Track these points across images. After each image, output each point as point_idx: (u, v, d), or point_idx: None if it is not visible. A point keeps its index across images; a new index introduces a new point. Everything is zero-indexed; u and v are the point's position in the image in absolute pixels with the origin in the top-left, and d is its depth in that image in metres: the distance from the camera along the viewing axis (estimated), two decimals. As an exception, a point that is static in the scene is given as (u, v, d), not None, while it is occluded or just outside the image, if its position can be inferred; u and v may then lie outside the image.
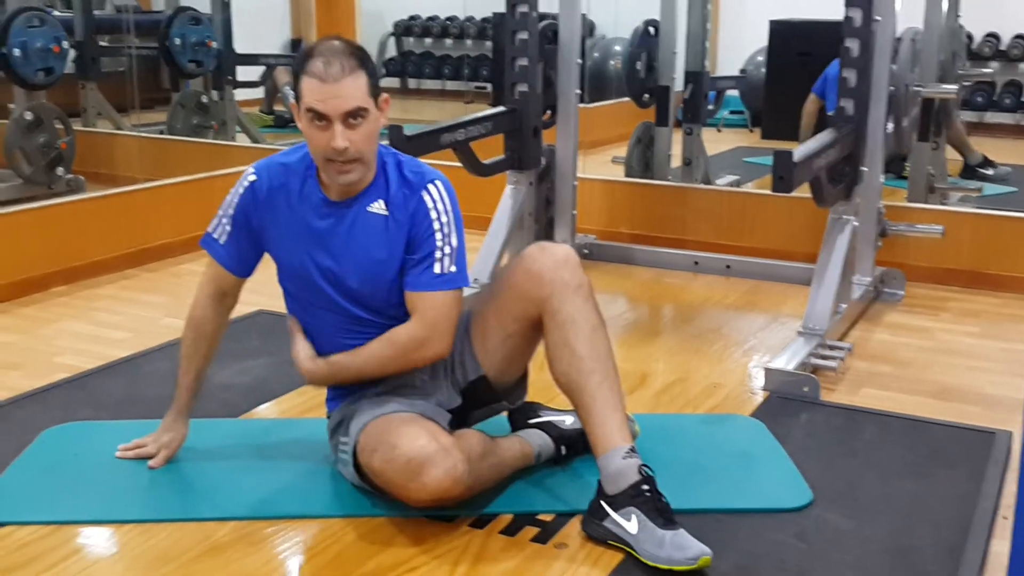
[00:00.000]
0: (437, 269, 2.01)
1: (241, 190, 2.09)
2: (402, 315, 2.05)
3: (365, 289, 2.04)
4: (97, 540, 1.98)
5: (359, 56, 1.94)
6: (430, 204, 2.02)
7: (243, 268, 2.15)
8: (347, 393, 2.13)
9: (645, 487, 1.88)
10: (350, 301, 2.05)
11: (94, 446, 2.30)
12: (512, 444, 2.14)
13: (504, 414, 2.27)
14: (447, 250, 2.02)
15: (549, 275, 2.00)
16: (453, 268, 2.02)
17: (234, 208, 2.10)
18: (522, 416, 2.26)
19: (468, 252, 2.07)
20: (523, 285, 2.03)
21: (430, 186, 2.03)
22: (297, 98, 1.96)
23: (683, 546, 1.81)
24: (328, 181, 2.01)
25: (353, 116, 1.92)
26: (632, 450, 1.92)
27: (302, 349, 2.10)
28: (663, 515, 1.86)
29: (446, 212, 2.03)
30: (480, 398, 2.15)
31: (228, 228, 2.11)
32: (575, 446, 2.19)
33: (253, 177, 2.09)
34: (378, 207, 2.02)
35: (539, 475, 2.16)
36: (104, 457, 2.24)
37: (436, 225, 2.02)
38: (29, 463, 2.25)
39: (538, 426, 2.22)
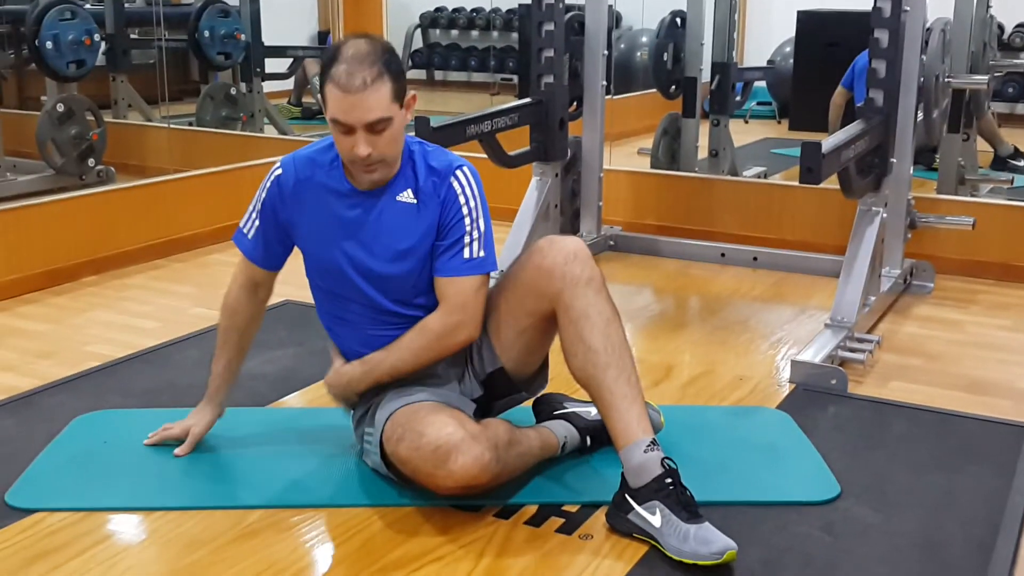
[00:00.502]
0: (467, 254, 2.03)
1: (268, 184, 2.11)
2: (431, 305, 2.06)
3: (394, 278, 2.05)
4: (127, 527, 2.01)
5: (384, 61, 1.92)
6: (458, 190, 2.03)
7: (270, 262, 2.16)
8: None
9: (668, 480, 1.87)
10: (379, 291, 2.06)
11: (124, 434, 2.32)
12: (538, 434, 2.14)
13: (529, 405, 2.27)
14: (476, 235, 2.03)
15: (560, 270, 1.99)
16: (482, 253, 2.04)
17: (262, 203, 2.12)
18: (547, 407, 2.26)
19: (494, 244, 2.08)
20: (534, 280, 2.02)
21: (458, 172, 2.04)
22: (324, 102, 1.97)
23: (708, 540, 1.80)
24: (356, 175, 2.03)
25: (376, 125, 1.92)
26: (653, 443, 1.91)
27: (335, 361, 2.13)
28: (687, 508, 1.85)
29: (474, 197, 2.04)
30: (500, 389, 2.16)
31: (256, 222, 2.13)
32: (600, 437, 2.19)
33: (279, 171, 2.10)
34: (407, 196, 2.04)
35: (564, 466, 2.17)
36: (134, 444, 2.26)
37: (465, 210, 2.03)
38: (60, 450, 2.27)
39: (563, 417, 2.22)
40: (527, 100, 3.64)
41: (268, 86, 5.93)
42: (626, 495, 1.92)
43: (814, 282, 3.68)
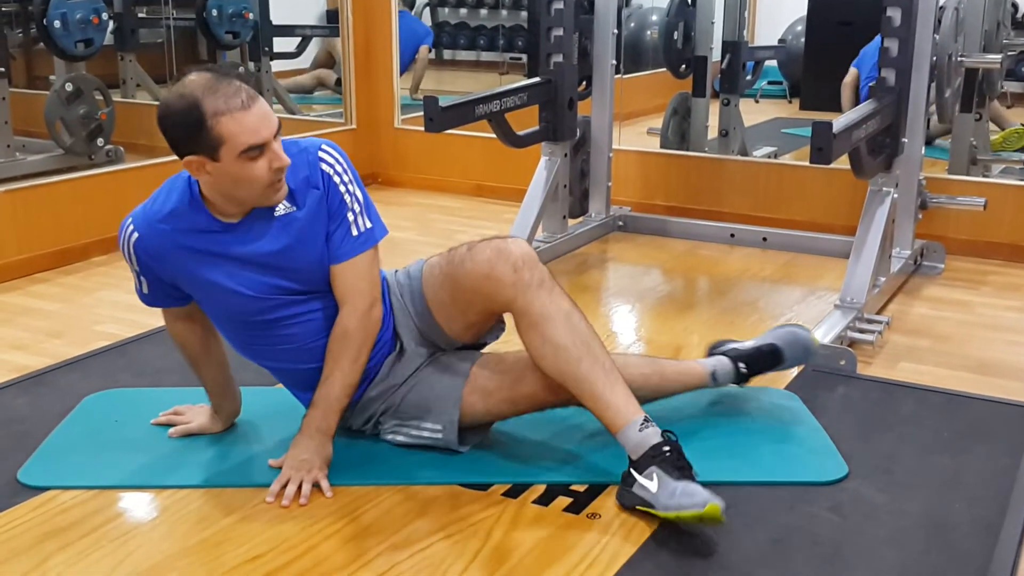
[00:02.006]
0: (355, 231, 2.02)
1: (132, 250, 2.02)
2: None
3: (314, 278, 2.03)
4: (138, 505, 2.02)
5: (232, 73, 1.89)
6: (330, 171, 2.01)
7: (182, 301, 2.11)
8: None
9: (666, 448, 1.88)
10: (305, 297, 2.05)
11: (134, 412, 2.34)
12: (681, 363, 2.27)
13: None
14: (357, 208, 2.02)
15: (509, 279, 1.95)
16: (368, 223, 2.03)
17: (137, 264, 2.04)
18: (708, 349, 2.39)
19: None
20: (483, 289, 1.99)
21: (321, 154, 2.01)
22: (212, 149, 1.84)
23: (692, 493, 1.81)
24: (260, 203, 1.95)
25: (278, 129, 1.90)
26: (646, 420, 1.91)
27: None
28: (680, 470, 1.86)
29: (345, 172, 2.02)
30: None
31: (143, 280, 2.07)
32: (755, 363, 2.29)
33: (135, 236, 2.00)
34: (284, 208, 1.99)
35: (572, 446, 2.17)
36: (143, 423, 2.28)
37: (342, 188, 2.01)
38: (71, 429, 2.29)
39: (717, 353, 2.33)
40: (536, 79, 3.63)
41: (276, 65, 5.92)
42: (630, 469, 1.92)
43: (824, 263, 3.67)
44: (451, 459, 2.13)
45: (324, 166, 2.00)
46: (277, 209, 1.98)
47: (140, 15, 5.36)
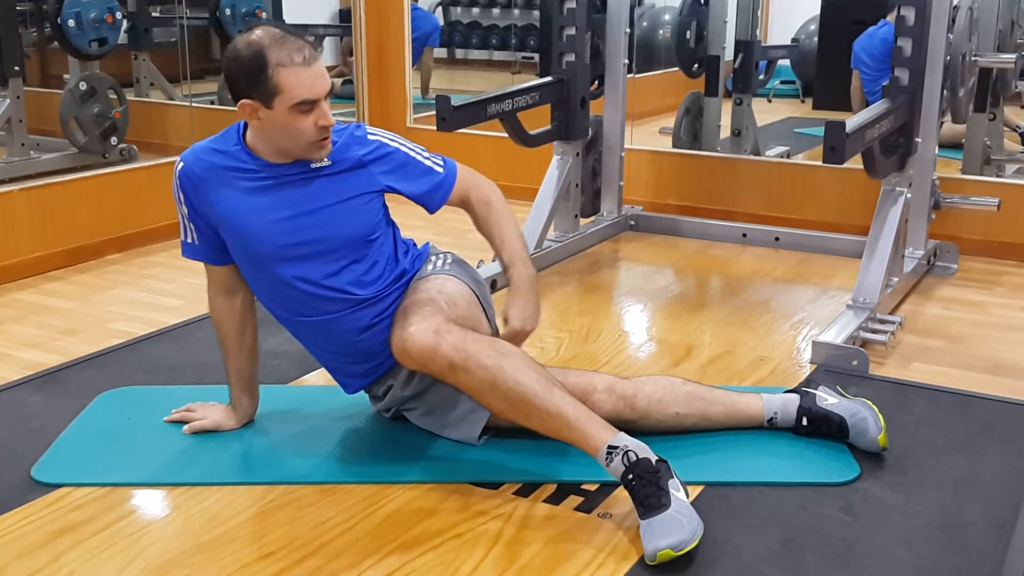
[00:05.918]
0: (440, 170, 2.14)
1: (178, 182, 2.10)
2: (373, 237, 2.10)
3: (331, 230, 2.05)
4: (150, 502, 2.03)
5: (302, 33, 1.98)
6: (384, 138, 2.11)
7: (226, 256, 2.14)
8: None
9: (630, 476, 1.86)
10: (322, 255, 2.06)
11: (147, 410, 2.35)
12: (734, 402, 2.20)
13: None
14: (424, 155, 2.14)
15: (426, 371, 1.98)
16: (440, 164, 2.15)
17: (184, 203, 2.11)
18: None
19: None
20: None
21: (368, 127, 2.12)
22: (268, 97, 1.92)
23: (645, 541, 1.78)
24: (304, 156, 2.02)
25: (330, 91, 1.99)
26: (610, 451, 1.87)
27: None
28: (643, 503, 1.83)
29: (395, 138, 2.13)
30: None
31: (191, 226, 2.12)
32: (820, 425, 2.17)
33: (181, 165, 2.10)
34: (322, 161, 2.06)
35: (584, 445, 2.17)
36: (157, 421, 2.29)
37: (402, 148, 2.12)
38: (85, 426, 2.30)
39: (801, 393, 2.24)
40: (548, 79, 3.63)
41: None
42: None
43: (836, 263, 3.66)
44: (463, 457, 2.13)
45: (370, 135, 2.10)
46: (314, 163, 2.05)
47: (154, 14, 5.38)
